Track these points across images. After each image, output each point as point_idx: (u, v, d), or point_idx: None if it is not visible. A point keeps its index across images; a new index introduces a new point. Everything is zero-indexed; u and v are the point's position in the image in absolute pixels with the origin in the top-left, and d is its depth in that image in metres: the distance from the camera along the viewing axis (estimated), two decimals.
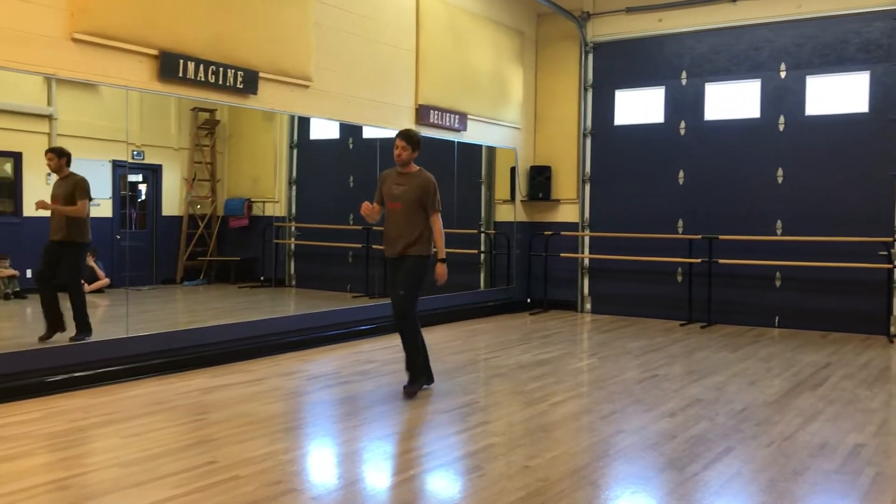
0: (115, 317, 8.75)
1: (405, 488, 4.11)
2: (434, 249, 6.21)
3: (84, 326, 6.93)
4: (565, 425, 5.36)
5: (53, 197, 7.14)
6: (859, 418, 5.56)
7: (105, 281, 10.02)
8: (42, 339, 6.70)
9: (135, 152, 10.42)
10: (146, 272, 10.77)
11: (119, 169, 10.30)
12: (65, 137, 9.66)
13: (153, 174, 11.17)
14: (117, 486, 3.99)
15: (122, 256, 10.01)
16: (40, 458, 4.43)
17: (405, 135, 6.23)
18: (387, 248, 6.19)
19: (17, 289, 9.45)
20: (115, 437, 4.89)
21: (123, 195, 10.72)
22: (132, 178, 11.00)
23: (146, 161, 10.89)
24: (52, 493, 3.86)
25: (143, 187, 11.27)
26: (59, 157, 7.15)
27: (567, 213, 11.90)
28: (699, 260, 10.41)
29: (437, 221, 6.18)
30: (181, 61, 7.01)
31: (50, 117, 9.51)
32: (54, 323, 6.88)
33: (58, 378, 6.05)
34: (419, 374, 6.19)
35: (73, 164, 7.33)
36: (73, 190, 7.04)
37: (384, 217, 6.29)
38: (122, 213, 10.56)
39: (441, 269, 6.19)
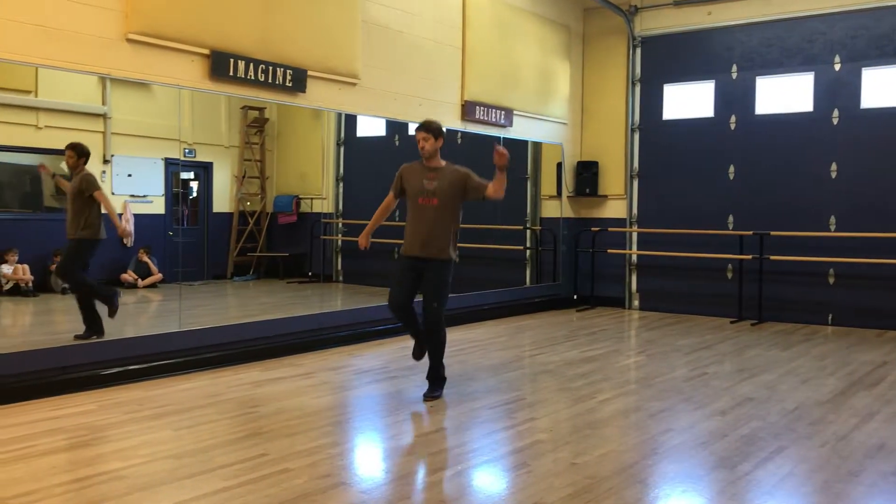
0: (167, 311, 8.96)
1: (452, 483, 4.13)
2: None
3: (92, 325, 6.82)
4: (613, 423, 5.32)
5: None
6: None
7: (158, 276, 10.24)
8: (77, 337, 6.69)
9: (186, 150, 10.63)
10: (198, 268, 10.99)
11: (171, 167, 10.53)
12: (119, 136, 9.90)
13: (204, 172, 11.39)
14: (171, 476, 4.08)
15: (175, 252, 10.22)
16: (96, 449, 4.55)
17: (425, 125, 6.01)
18: (411, 247, 5.90)
19: None
20: (168, 429, 5.00)
21: (176, 192, 10.94)
22: (184, 175, 11.23)
23: (197, 159, 11.10)
24: (109, 483, 3.96)
25: (194, 184, 11.49)
26: (78, 156, 6.99)
27: (614, 209, 11.79)
28: (750, 256, 10.23)
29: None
30: (231, 60, 7.11)
31: (104, 116, 9.75)
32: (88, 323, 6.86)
33: (112, 371, 6.20)
34: (439, 381, 5.99)
35: (128, 162, 7.44)
36: (80, 186, 6.89)
37: (409, 213, 6.03)
38: (174, 209, 10.78)
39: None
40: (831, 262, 9.99)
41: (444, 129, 6.10)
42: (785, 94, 10.49)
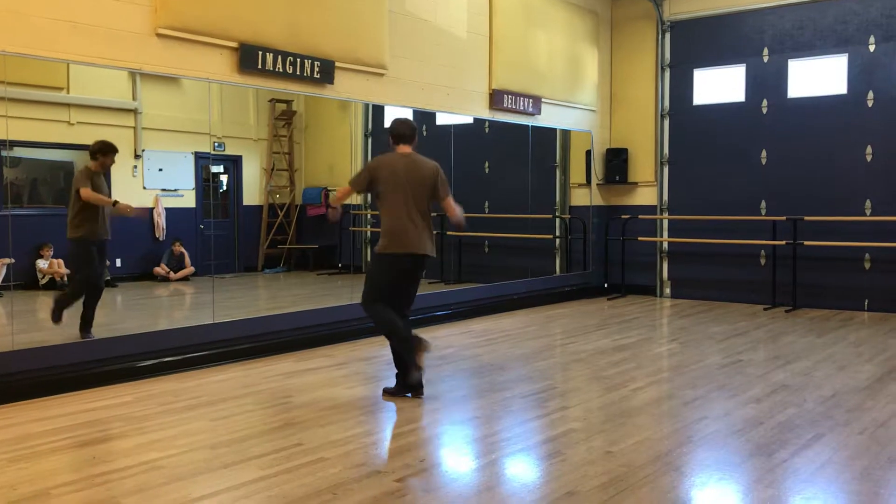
0: (201, 304, 9.04)
1: (487, 472, 4.13)
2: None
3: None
4: (647, 411, 5.29)
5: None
6: None
7: (190, 269, 10.34)
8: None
9: (216, 144, 10.71)
10: (229, 260, 11.09)
11: (201, 160, 10.61)
12: (149, 131, 10.00)
13: (234, 165, 11.47)
14: (208, 466, 4.12)
15: (206, 245, 10.32)
16: (134, 440, 4.61)
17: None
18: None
19: (108, 277, 9.81)
20: (204, 419, 5.05)
21: (206, 185, 11.03)
22: (214, 169, 11.31)
23: (227, 152, 11.17)
24: (148, 472, 4.02)
25: (224, 178, 11.57)
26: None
27: (645, 196, 11.68)
28: (783, 242, 10.09)
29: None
30: (260, 53, 7.14)
31: (135, 111, 9.85)
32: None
33: (148, 363, 6.28)
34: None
35: (159, 157, 7.46)
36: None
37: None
38: (204, 202, 10.87)
39: None
40: (867, 247, 9.82)
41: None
42: (818, 76, 10.31)
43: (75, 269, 6.96)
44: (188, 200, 10.60)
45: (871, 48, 9.87)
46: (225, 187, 11.67)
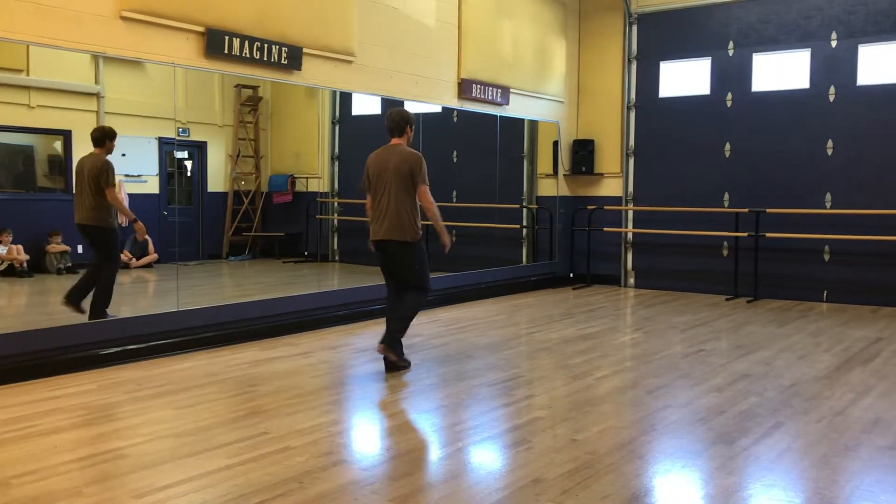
0: (165, 291, 8.95)
1: (453, 460, 4.16)
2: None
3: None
4: (611, 399, 5.35)
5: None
6: None
7: (154, 256, 10.22)
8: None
9: (181, 129, 10.57)
10: (193, 247, 10.96)
11: (166, 146, 10.46)
12: (112, 115, 9.82)
13: (198, 151, 11.32)
14: (173, 455, 4.09)
15: (170, 232, 10.19)
16: (98, 429, 4.56)
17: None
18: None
19: (69, 264, 9.67)
20: (169, 408, 5.01)
21: (170, 171, 10.89)
22: (178, 154, 11.16)
23: (191, 138, 11.03)
24: (111, 461, 3.98)
25: (188, 164, 11.43)
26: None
27: (610, 188, 11.78)
28: (746, 234, 10.25)
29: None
30: (227, 38, 7.05)
31: (98, 95, 9.67)
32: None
33: (111, 351, 6.20)
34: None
35: (122, 142, 7.37)
36: None
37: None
38: (168, 189, 10.73)
39: None
40: (826, 239, 10.02)
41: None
42: (781, 71, 10.46)
43: (106, 255, 6.93)
44: (152, 186, 10.44)
45: (833, 44, 10.04)
46: (189, 173, 11.53)
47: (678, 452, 4.28)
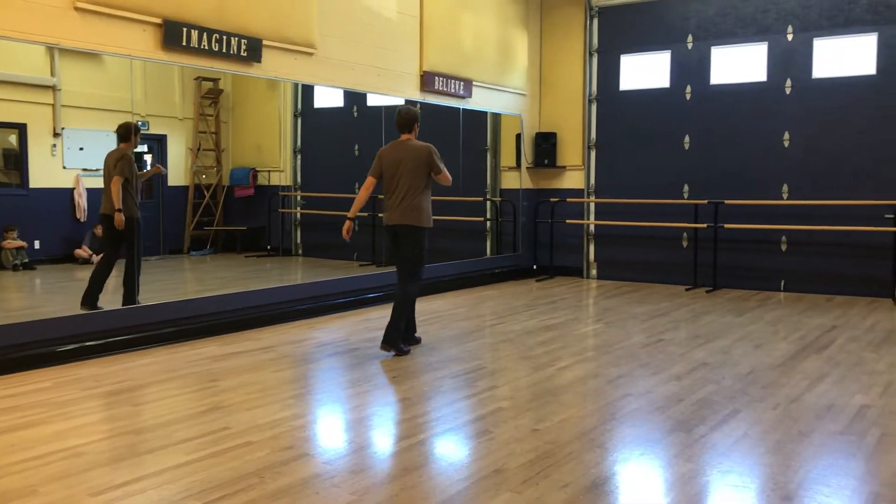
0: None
1: (415, 452, 4.17)
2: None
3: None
4: (572, 389, 5.41)
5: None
6: (865, 380, 5.60)
7: None
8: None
9: (139, 122, 10.41)
10: (154, 242, 10.82)
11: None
12: (69, 108, 9.66)
13: (158, 144, 11.17)
14: (132, 452, 4.05)
15: None
16: (54, 426, 4.49)
17: None
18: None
19: (26, 260, 9.50)
20: (128, 404, 4.95)
21: None
22: (137, 148, 10.99)
23: (151, 131, 10.87)
24: (67, 460, 3.92)
25: (148, 157, 11.26)
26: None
27: (573, 180, 11.87)
28: (705, 225, 10.40)
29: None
30: (185, 29, 6.97)
31: (54, 88, 9.50)
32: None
33: (69, 347, 6.11)
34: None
35: (79, 136, 7.35)
36: None
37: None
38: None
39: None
40: (784, 230, 10.21)
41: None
42: (739, 64, 10.61)
43: (130, 244, 7.30)
44: None
45: (790, 37, 10.20)
46: (149, 167, 11.37)
47: (637, 440, 4.34)
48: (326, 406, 5.21)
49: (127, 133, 7.29)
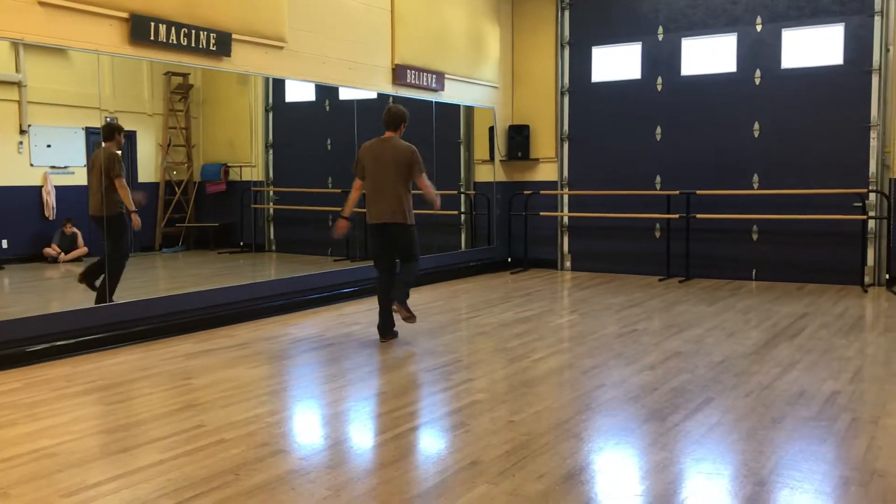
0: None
1: (391, 446, 4.16)
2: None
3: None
4: (548, 380, 5.43)
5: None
6: (835, 366, 5.68)
7: (83, 250, 9.94)
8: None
9: (108, 118, 10.27)
10: None
11: (93, 136, 10.15)
12: (35, 105, 9.50)
13: (128, 141, 11.01)
14: (104, 452, 4.01)
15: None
16: (24, 428, 4.42)
17: None
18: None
19: None
20: (100, 404, 4.90)
21: None
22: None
23: None
24: (39, 461, 3.87)
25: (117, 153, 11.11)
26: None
27: (546, 172, 11.90)
28: (677, 215, 10.48)
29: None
30: (152, 24, 6.88)
31: (19, 84, 9.33)
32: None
33: (39, 347, 6.02)
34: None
35: (46, 133, 7.26)
36: None
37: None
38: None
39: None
40: (755, 219, 10.31)
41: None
42: (709, 55, 10.69)
43: (117, 240, 7.36)
44: (80, 178, 10.13)
45: (759, 28, 10.29)
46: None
47: (612, 430, 4.37)
48: (302, 402, 5.19)
49: (111, 132, 7.37)
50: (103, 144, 7.37)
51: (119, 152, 7.43)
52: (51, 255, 9.67)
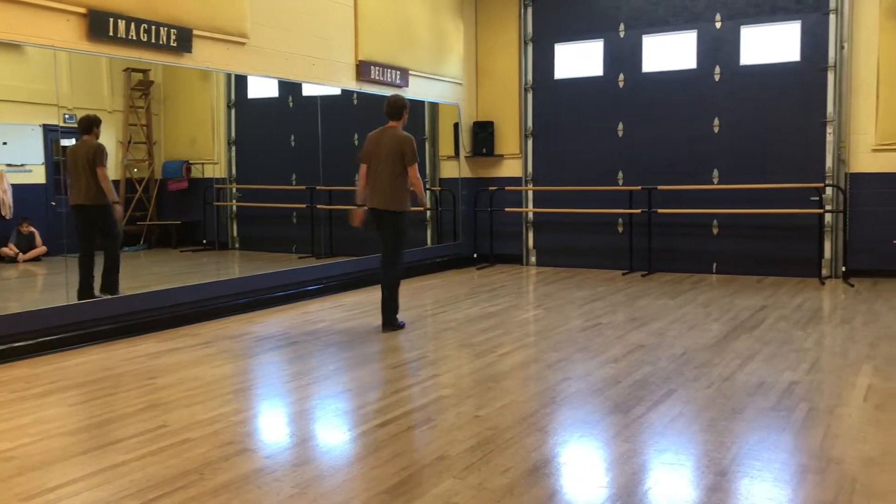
0: (54, 284, 8.57)
1: (357, 444, 4.17)
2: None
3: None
4: (513, 375, 5.47)
5: None
6: (793, 358, 5.80)
7: (42, 249, 9.78)
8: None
9: (66, 115, 10.10)
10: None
11: (51, 133, 9.98)
12: None
13: None
14: (65, 454, 3.95)
15: (59, 223, 9.74)
16: None
17: None
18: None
19: None
20: (61, 405, 4.83)
21: (57, 160, 10.39)
22: (65, 142, 10.67)
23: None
24: None
25: None
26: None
27: (511, 168, 11.96)
28: (639, 210, 10.60)
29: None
30: (111, 19, 6.78)
31: None
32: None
33: None
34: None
35: (2, 130, 7.14)
36: None
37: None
38: (56, 178, 10.25)
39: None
40: (715, 214, 10.47)
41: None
42: (670, 51, 10.82)
43: (109, 231, 7.62)
44: (37, 176, 9.96)
45: (718, 25, 10.44)
46: None
47: (576, 423, 4.42)
48: (268, 400, 5.17)
49: (88, 126, 7.51)
50: (83, 138, 7.51)
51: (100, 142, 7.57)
52: (8, 255, 9.49)
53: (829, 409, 4.55)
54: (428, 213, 11.96)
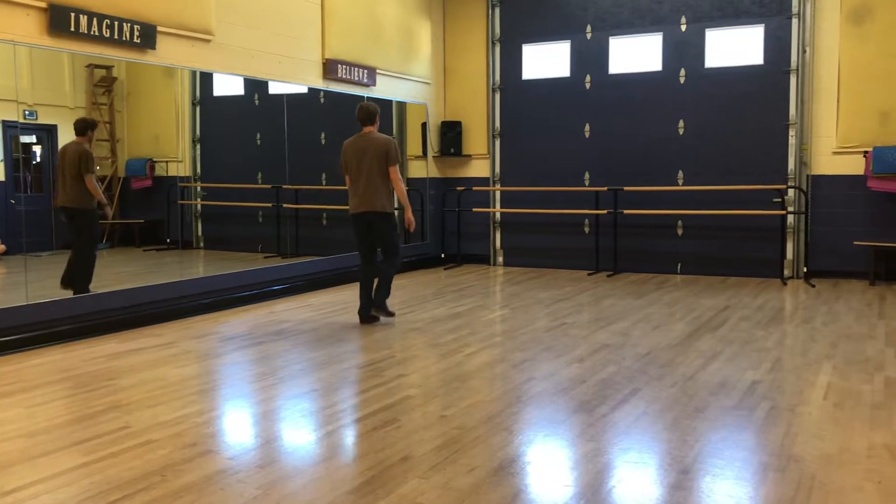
0: (13, 284, 8.39)
1: (322, 443, 4.14)
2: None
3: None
4: (479, 375, 5.47)
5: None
6: (755, 357, 5.88)
7: (1, 248, 9.57)
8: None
9: (27, 112, 9.91)
10: (45, 237, 10.32)
11: (10, 130, 9.79)
12: None
13: (48, 135, 10.64)
14: (24, 456, 3.88)
15: (18, 221, 9.56)
16: None
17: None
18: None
19: None
20: (19, 407, 4.73)
21: (16, 157, 10.20)
22: (25, 139, 10.47)
23: (40, 121, 10.36)
24: None
25: (37, 149, 10.74)
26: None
27: (478, 168, 11.98)
28: (605, 211, 10.68)
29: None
30: (73, 14, 6.67)
31: None
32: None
33: None
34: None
35: None
36: None
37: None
38: (15, 176, 10.06)
39: None
40: (679, 215, 10.59)
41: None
42: (636, 53, 10.91)
43: (85, 236, 7.73)
44: None
45: (683, 28, 10.56)
46: (39, 159, 10.84)
47: (542, 422, 4.44)
48: (232, 401, 5.12)
49: (84, 128, 7.66)
50: (76, 139, 7.59)
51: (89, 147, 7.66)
52: None
53: (789, 407, 4.62)
54: (395, 212, 11.91)
